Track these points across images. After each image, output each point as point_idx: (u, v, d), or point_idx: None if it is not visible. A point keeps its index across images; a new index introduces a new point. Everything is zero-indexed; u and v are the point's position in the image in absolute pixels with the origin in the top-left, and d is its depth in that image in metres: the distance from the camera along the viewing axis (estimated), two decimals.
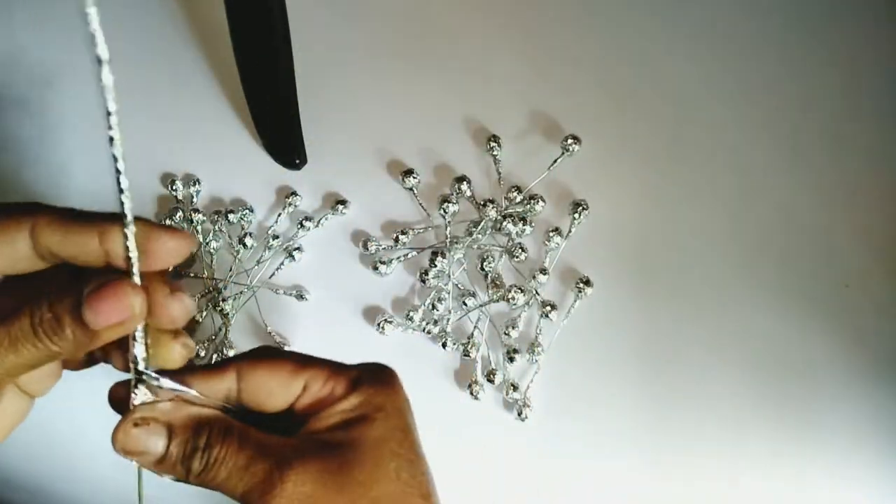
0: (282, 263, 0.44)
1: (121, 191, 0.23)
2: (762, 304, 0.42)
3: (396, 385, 0.29)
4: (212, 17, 0.47)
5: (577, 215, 0.43)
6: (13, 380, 0.27)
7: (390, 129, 0.46)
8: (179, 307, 0.25)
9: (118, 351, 0.27)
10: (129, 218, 0.23)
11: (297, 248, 0.44)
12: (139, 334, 0.25)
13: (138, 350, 0.25)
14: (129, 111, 0.47)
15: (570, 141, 0.44)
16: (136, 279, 0.24)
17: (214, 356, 0.44)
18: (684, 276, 0.43)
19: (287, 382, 0.26)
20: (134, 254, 0.24)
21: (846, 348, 0.42)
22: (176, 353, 0.26)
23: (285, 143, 0.45)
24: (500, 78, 0.46)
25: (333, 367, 0.27)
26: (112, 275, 0.24)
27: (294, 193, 0.45)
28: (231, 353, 0.44)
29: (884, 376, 0.41)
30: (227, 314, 0.44)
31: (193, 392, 0.26)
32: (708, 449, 0.41)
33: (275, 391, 0.26)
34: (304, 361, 0.27)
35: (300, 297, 0.44)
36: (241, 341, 0.44)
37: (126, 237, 0.23)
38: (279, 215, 0.45)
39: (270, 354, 0.27)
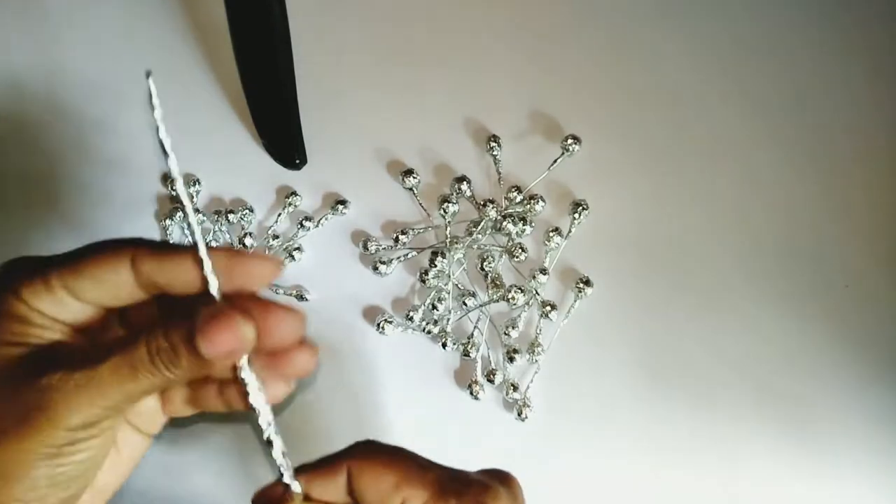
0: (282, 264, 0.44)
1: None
2: (762, 303, 0.42)
3: None
4: (212, 17, 0.47)
5: (577, 215, 0.43)
6: (127, 413, 0.28)
7: (390, 129, 0.46)
8: (290, 326, 0.26)
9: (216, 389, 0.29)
10: (202, 245, 0.25)
11: (297, 248, 0.44)
12: (245, 370, 0.26)
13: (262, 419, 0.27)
14: (129, 111, 0.47)
15: (570, 141, 0.44)
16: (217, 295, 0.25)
17: None
18: (684, 275, 0.43)
19: (388, 496, 0.27)
20: (214, 281, 0.25)
21: (846, 348, 0.42)
22: (280, 390, 0.28)
23: (285, 143, 0.45)
24: (500, 78, 0.46)
25: (439, 488, 0.27)
26: (218, 303, 0.25)
27: (294, 193, 0.45)
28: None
29: (884, 376, 0.41)
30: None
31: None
32: (708, 448, 0.41)
33: (378, 496, 0.27)
34: (409, 473, 0.27)
35: (300, 297, 0.44)
36: None
37: (205, 264, 0.25)
38: (279, 215, 0.45)
39: (379, 456, 0.28)
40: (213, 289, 0.25)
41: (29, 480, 0.25)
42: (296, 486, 0.27)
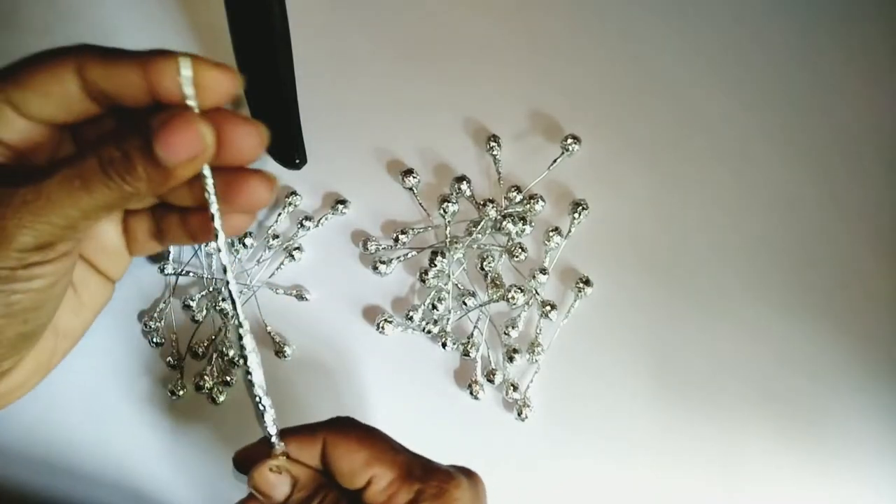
0: (282, 263, 0.44)
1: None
2: (761, 303, 0.42)
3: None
4: (212, 18, 0.47)
5: (577, 215, 0.43)
6: (87, 245, 0.28)
7: (390, 129, 0.46)
8: (250, 137, 0.25)
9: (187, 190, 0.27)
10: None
11: (297, 248, 0.44)
12: (209, 182, 0.25)
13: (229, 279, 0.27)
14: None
15: (570, 141, 0.44)
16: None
17: (214, 356, 0.44)
18: (684, 275, 0.43)
19: (358, 470, 0.29)
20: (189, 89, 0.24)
21: (846, 348, 0.42)
22: (239, 221, 0.29)
23: (285, 143, 0.45)
24: (500, 78, 0.46)
25: (406, 470, 0.29)
26: (175, 108, 0.23)
27: (294, 193, 0.45)
28: (230, 354, 0.44)
29: (884, 376, 0.41)
30: (228, 314, 0.44)
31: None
32: (708, 448, 0.41)
33: (346, 474, 0.29)
34: (380, 453, 0.29)
35: (301, 297, 0.44)
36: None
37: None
38: (279, 215, 0.45)
39: (355, 432, 0.29)
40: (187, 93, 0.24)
41: None
42: (279, 446, 0.29)
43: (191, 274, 0.45)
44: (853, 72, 0.45)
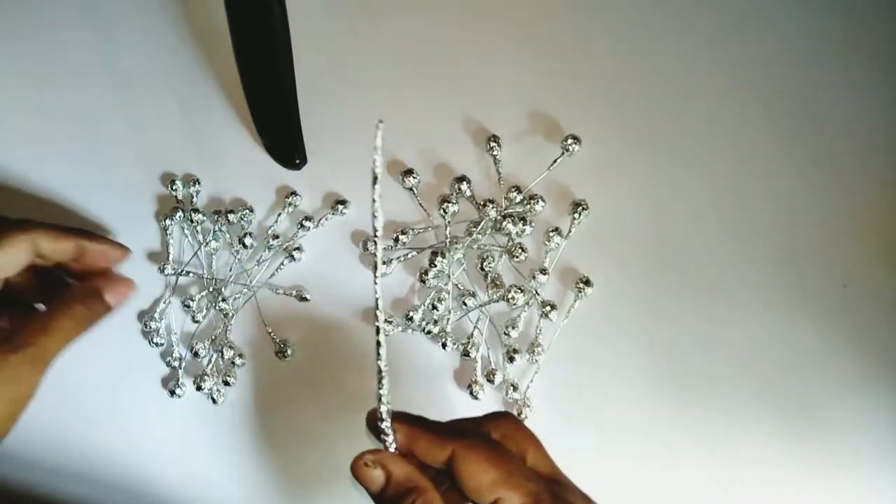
0: (282, 263, 0.44)
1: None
2: (762, 303, 0.42)
3: None
4: (212, 18, 0.47)
5: (577, 215, 0.43)
6: None
7: (390, 129, 0.45)
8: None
9: None
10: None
11: (297, 248, 0.44)
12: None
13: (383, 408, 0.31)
14: (129, 112, 0.47)
15: (570, 141, 0.44)
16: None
17: (215, 356, 0.44)
18: (684, 275, 0.43)
19: (484, 491, 0.29)
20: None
21: (845, 347, 0.42)
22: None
23: (285, 143, 0.45)
24: (500, 78, 0.46)
25: (535, 500, 0.29)
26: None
27: (294, 193, 0.45)
28: (229, 354, 0.44)
29: (882, 375, 0.41)
30: (228, 314, 0.44)
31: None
32: (708, 447, 0.42)
33: (472, 490, 0.29)
34: (509, 477, 0.29)
35: (301, 298, 0.44)
36: (240, 341, 0.44)
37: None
38: (279, 215, 0.45)
39: (486, 451, 0.30)
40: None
41: None
42: (388, 441, 0.31)
43: (191, 274, 0.45)
44: (853, 72, 0.45)
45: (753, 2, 0.46)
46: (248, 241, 0.44)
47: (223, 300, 0.44)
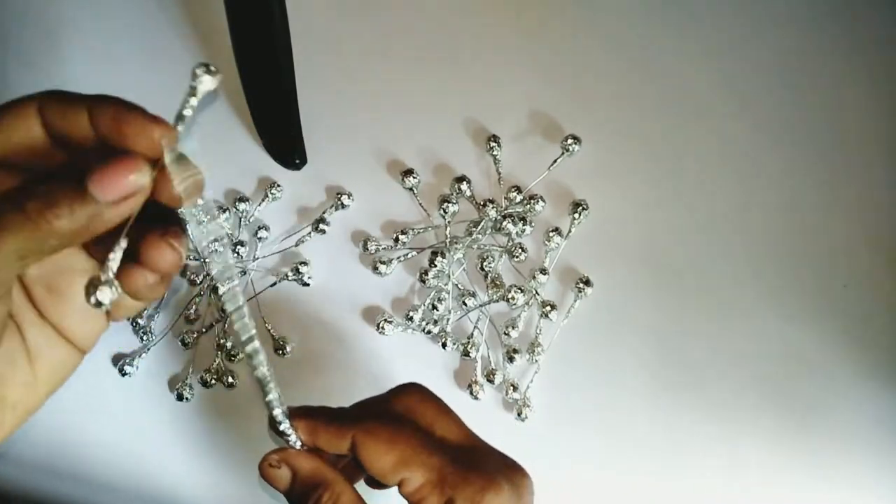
0: (286, 276, 0.44)
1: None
2: (761, 303, 0.42)
3: None
4: (212, 18, 0.47)
5: (577, 215, 0.43)
6: (9, 282, 0.24)
7: (390, 129, 0.46)
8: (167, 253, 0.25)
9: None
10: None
11: (303, 263, 0.44)
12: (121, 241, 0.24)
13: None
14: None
15: (570, 141, 0.44)
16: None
17: (219, 353, 0.44)
18: (684, 275, 0.43)
19: (388, 473, 0.28)
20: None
21: (845, 348, 0.42)
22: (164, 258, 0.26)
23: (285, 143, 0.45)
24: (500, 78, 0.46)
25: (438, 475, 0.28)
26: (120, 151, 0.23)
27: (275, 184, 0.45)
28: (228, 346, 0.44)
29: (882, 375, 0.41)
30: (227, 311, 0.44)
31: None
32: (708, 447, 0.41)
33: (377, 474, 0.29)
34: (412, 455, 0.28)
35: (304, 284, 0.44)
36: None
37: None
38: (259, 204, 0.45)
39: (385, 432, 0.29)
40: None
41: None
42: (291, 439, 0.30)
43: (191, 277, 0.45)
44: (854, 72, 0.45)
45: (754, 3, 0.46)
46: (261, 233, 0.44)
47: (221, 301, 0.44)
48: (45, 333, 0.27)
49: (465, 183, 0.44)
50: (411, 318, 0.43)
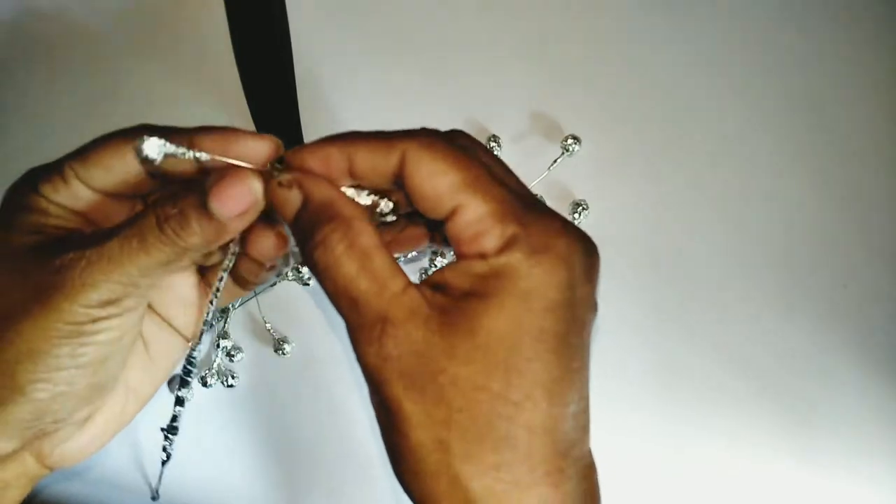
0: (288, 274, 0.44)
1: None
2: (761, 303, 0.42)
3: (567, 268, 0.22)
4: (211, 17, 0.47)
5: (577, 215, 0.43)
6: (157, 298, 0.29)
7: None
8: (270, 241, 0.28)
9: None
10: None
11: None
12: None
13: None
14: (130, 111, 0.47)
15: (570, 141, 0.44)
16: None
17: (218, 352, 0.44)
18: (684, 275, 0.43)
19: (444, 196, 0.23)
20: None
21: (846, 347, 0.42)
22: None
23: (285, 143, 0.45)
24: (500, 78, 0.46)
25: (504, 207, 0.22)
26: (227, 169, 0.25)
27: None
28: (228, 345, 0.44)
29: (883, 375, 0.41)
30: (227, 309, 0.44)
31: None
32: (708, 447, 0.41)
33: (429, 198, 0.23)
34: (476, 179, 0.23)
35: (301, 281, 0.44)
36: (239, 339, 0.44)
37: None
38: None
39: (445, 149, 0.23)
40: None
41: (52, 359, 0.25)
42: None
43: None
44: (853, 73, 0.45)
45: (754, 3, 0.46)
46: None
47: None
48: (156, 322, 0.31)
49: None
50: None
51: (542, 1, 0.47)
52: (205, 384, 0.44)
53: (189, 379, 0.32)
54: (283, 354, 0.44)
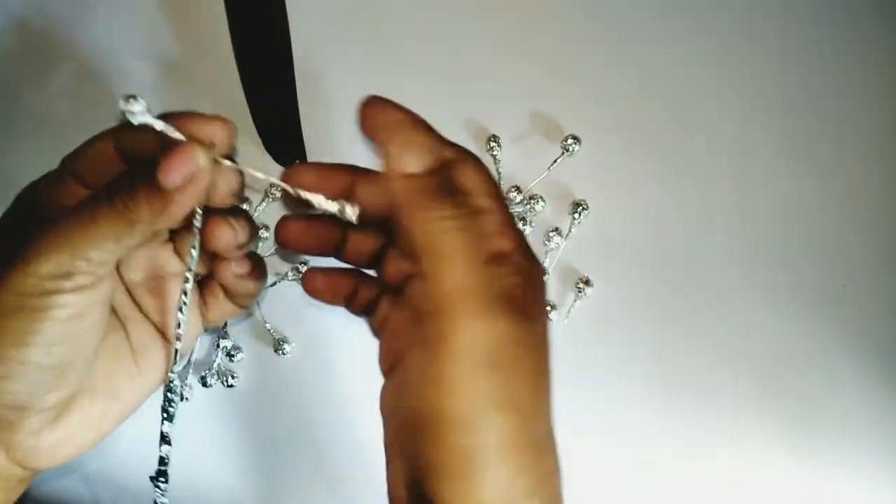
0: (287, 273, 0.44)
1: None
2: (761, 303, 0.42)
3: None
4: (211, 17, 0.47)
5: (577, 215, 0.43)
6: (104, 266, 0.28)
7: None
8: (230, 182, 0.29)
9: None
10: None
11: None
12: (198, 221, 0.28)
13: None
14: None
15: (570, 141, 0.44)
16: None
17: (218, 352, 0.44)
18: (684, 275, 0.43)
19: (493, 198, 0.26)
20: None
21: (844, 348, 0.42)
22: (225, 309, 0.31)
23: (285, 143, 0.45)
24: (500, 78, 0.46)
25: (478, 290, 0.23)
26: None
27: (275, 185, 0.45)
28: (228, 345, 0.44)
29: (882, 375, 0.41)
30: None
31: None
32: (708, 447, 0.41)
33: (416, 250, 0.25)
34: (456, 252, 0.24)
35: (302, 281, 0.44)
36: (239, 339, 0.44)
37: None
38: (260, 203, 0.45)
39: (438, 206, 0.26)
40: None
41: (15, 335, 0.26)
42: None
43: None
44: (853, 73, 0.45)
45: (754, 3, 0.46)
46: (261, 233, 0.44)
47: None
48: (147, 330, 0.31)
49: None
50: None
51: (542, 1, 0.47)
52: (205, 384, 0.43)
53: (171, 410, 0.30)
54: (283, 354, 0.44)
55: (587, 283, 0.43)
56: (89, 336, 0.28)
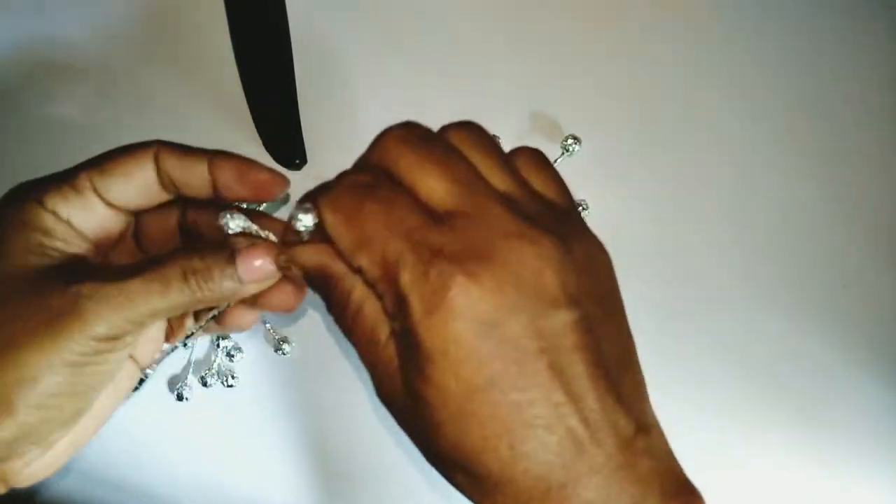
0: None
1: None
2: (761, 303, 0.42)
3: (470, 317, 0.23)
4: (211, 17, 0.47)
5: None
6: (141, 333, 0.28)
7: None
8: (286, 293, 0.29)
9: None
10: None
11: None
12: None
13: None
14: (130, 111, 0.47)
15: (570, 141, 0.44)
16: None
17: (218, 352, 0.44)
18: (684, 275, 0.43)
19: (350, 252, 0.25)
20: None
21: (844, 348, 0.42)
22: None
23: (285, 143, 0.45)
24: (500, 78, 0.46)
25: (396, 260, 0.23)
26: (252, 238, 0.27)
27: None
28: (228, 345, 0.44)
29: (882, 375, 0.41)
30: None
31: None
32: (708, 448, 0.41)
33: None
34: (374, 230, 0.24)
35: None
36: (239, 339, 0.44)
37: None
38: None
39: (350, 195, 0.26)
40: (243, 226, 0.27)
41: (50, 386, 0.25)
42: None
43: None
44: (853, 72, 0.45)
45: (754, 3, 0.46)
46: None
47: None
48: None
49: None
50: None
51: (542, 1, 0.47)
52: (205, 384, 0.43)
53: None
54: (283, 354, 0.44)
55: None
56: (106, 380, 0.28)
